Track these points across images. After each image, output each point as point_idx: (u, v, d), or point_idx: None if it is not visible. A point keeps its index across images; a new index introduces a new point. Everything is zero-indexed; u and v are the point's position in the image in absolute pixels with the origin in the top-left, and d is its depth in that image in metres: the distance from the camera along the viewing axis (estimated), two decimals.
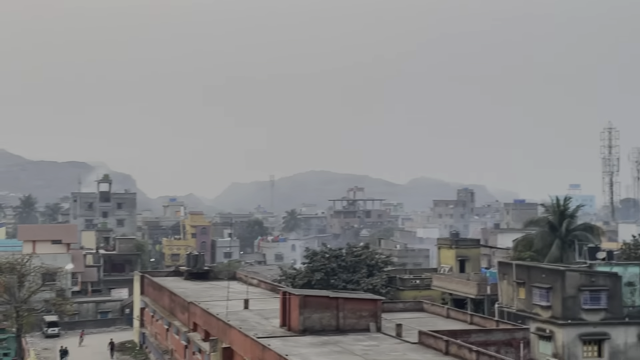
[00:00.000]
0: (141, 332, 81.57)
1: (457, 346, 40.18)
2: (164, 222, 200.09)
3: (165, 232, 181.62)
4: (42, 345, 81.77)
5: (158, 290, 75.97)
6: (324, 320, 47.60)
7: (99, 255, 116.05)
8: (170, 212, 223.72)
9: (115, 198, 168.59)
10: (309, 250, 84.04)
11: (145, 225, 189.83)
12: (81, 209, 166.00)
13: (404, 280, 78.85)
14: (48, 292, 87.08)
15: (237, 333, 46.36)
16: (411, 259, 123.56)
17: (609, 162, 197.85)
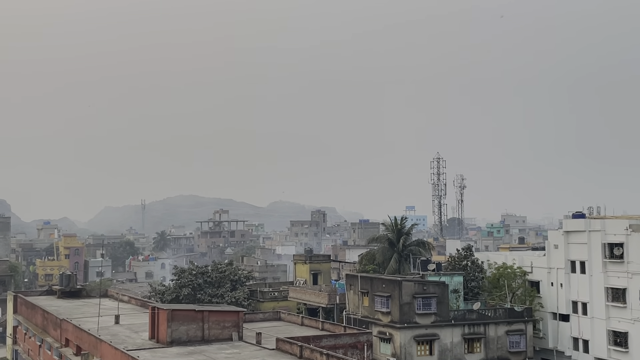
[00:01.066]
0: (14, 349, 76.94)
1: (310, 350, 40.73)
2: (37, 244, 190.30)
3: (39, 254, 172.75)
4: None
5: (31, 309, 72.03)
6: (190, 332, 46.94)
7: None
8: (44, 234, 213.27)
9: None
10: (177, 268, 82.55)
11: (19, 248, 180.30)
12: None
13: (264, 293, 78.94)
14: None
15: (108, 347, 44.81)
16: (271, 273, 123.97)
17: (438, 187, 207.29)
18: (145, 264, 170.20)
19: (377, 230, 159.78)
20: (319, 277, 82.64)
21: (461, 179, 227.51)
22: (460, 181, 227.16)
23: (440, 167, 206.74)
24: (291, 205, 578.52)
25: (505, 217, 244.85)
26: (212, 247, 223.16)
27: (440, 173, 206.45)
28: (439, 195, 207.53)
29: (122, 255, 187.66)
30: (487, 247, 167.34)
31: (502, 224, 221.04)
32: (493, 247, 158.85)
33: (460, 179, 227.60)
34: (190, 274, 75.40)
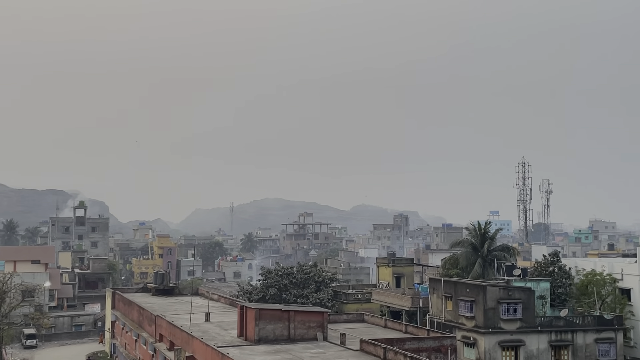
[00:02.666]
0: (112, 343, 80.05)
1: (393, 352, 40.41)
2: (133, 244, 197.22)
3: (134, 253, 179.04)
4: (21, 356, 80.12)
5: (128, 305, 74.78)
6: (277, 331, 47.47)
7: (74, 274, 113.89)
8: (140, 235, 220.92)
9: (89, 222, 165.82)
10: (264, 268, 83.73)
11: (117, 247, 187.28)
12: (58, 232, 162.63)
13: (348, 294, 78.94)
14: (27, 307, 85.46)
15: (199, 343, 45.89)
16: (354, 275, 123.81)
17: (523, 191, 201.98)
18: (233, 264, 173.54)
19: (460, 234, 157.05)
20: (402, 280, 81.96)
21: (547, 183, 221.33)
22: (547, 186, 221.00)
23: (525, 171, 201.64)
24: (374, 208, 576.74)
25: (593, 223, 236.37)
26: (297, 249, 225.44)
27: (526, 177, 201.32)
28: (524, 200, 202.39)
29: (212, 256, 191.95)
30: (574, 253, 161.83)
31: (590, 229, 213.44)
32: (581, 254, 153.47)
33: (547, 183, 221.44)
34: (277, 275, 76.28)
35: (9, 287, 76.84)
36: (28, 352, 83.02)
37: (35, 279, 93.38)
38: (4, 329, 74.36)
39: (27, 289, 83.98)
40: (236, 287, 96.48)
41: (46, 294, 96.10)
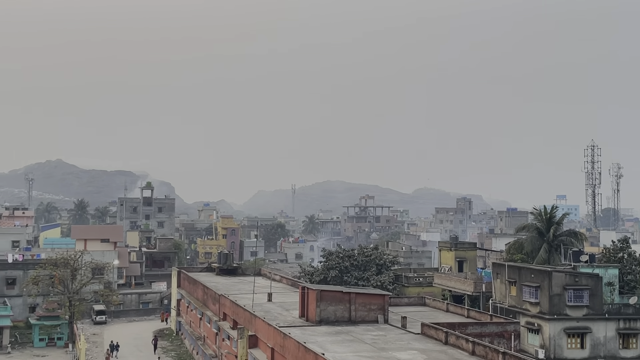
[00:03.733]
0: (178, 321, 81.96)
1: (455, 337, 40.07)
2: (198, 225, 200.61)
3: (199, 233, 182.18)
4: (91, 331, 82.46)
5: (193, 284, 76.36)
6: (337, 312, 47.70)
7: (142, 253, 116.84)
8: (204, 215, 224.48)
9: (156, 203, 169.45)
10: (325, 250, 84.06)
11: (182, 227, 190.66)
12: (127, 212, 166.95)
13: (409, 278, 78.64)
14: (97, 284, 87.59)
15: (262, 322, 46.51)
16: (415, 259, 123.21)
17: (592, 175, 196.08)
18: (295, 246, 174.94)
19: (525, 219, 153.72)
20: (465, 265, 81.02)
21: (618, 167, 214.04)
22: (617, 170, 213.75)
23: (594, 155, 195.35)
24: (436, 192, 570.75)
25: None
26: (359, 232, 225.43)
27: (595, 161, 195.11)
28: (592, 184, 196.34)
29: (274, 237, 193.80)
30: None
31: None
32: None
33: (617, 167, 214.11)
34: (338, 257, 76.56)
35: (80, 264, 79.35)
36: (98, 327, 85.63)
37: (105, 257, 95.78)
38: (75, 305, 76.63)
39: (97, 267, 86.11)
40: (298, 268, 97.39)
41: (115, 271, 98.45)
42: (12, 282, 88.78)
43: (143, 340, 77.11)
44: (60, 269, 77.72)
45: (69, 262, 77.79)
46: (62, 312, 77.28)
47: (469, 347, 38.01)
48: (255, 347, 47.28)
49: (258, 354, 46.01)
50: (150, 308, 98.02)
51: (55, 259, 78.97)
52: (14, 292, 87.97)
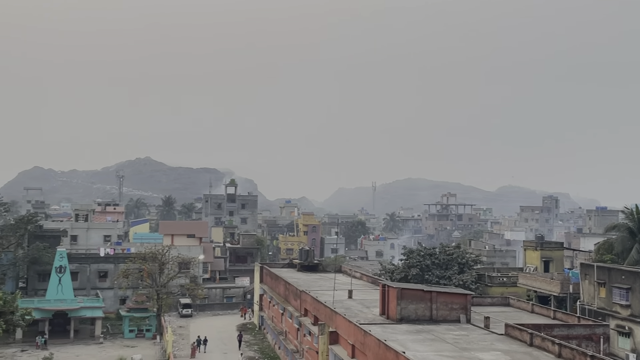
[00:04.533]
0: (260, 315, 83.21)
1: (540, 338, 38.97)
2: (280, 221, 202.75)
3: (281, 230, 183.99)
4: (178, 324, 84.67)
5: (275, 280, 77.28)
6: (418, 311, 47.27)
7: (226, 248, 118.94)
8: (286, 212, 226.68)
9: (239, 199, 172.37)
10: (406, 248, 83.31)
11: (265, 223, 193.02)
12: (211, 208, 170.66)
13: (492, 277, 76.92)
14: (183, 278, 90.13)
15: (342, 319, 46.60)
16: (499, 258, 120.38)
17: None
18: (375, 243, 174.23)
19: (615, 218, 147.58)
20: (551, 265, 78.55)
21: None
22: None
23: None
24: (520, 190, 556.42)
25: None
26: (440, 230, 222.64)
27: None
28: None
29: (354, 234, 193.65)
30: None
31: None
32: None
33: None
34: (419, 255, 75.74)
35: (168, 259, 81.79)
36: (184, 320, 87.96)
37: (191, 252, 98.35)
38: (162, 298, 79.09)
39: (183, 261, 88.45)
40: (378, 265, 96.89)
41: (200, 266, 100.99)
42: (104, 275, 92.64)
43: (227, 333, 78.72)
44: (148, 263, 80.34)
45: (157, 257, 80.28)
46: (151, 305, 79.87)
47: (555, 349, 36.87)
48: (336, 344, 47.45)
49: (339, 351, 46.16)
50: (233, 302, 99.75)
51: (144, 254, 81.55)
52: (106, 285, 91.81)
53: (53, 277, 77.67)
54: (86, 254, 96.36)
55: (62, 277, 77.50)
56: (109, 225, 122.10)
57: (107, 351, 69.66)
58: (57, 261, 78.10)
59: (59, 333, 75.27)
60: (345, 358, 44.19)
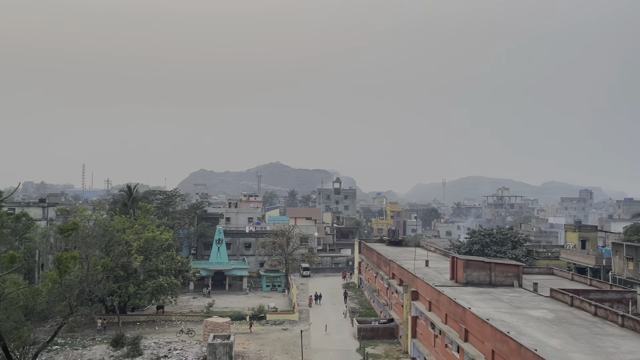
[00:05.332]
0: (359, 277, 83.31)
1: (579, 300, 36.78)
2: (372, 208, 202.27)
3: (373, 214, 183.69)
4: (300, 282, 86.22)
5: (369, 251, 77.20)
6: (480, 277, 45.84)
7: (333, 228, 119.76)
8: (377, 202, 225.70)
9: (343, 192, 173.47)
10: (470, 229, 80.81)
11: (361, 210, 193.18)
12: (323, 198, 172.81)
13: (539, 252, 73.16)
14: (303, 249, 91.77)
15: (421, 282, 45.96)
16: (544, 238, 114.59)
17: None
18: (445, 225, 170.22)
19: None
20: (587, 244, 73.61)
21: None
22: None
23: None
24: (561, 185, 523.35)
25: None
26: (496, 216, 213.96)
27: None
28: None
29: (429, 219, 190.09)
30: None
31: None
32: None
33: None
34: (480, 234, 73.28)
35: (292, 235, 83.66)
36: (304, 279, 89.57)
37: (308, 230, 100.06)
38: (289, 263, 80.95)
39: (303, 237, 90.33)
40: (447, 242, 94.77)
41: (315, 240, 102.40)
42: (248, 246, 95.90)
43: (335, 290, 79.43)
44: (279, 238, 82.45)
45: (284, 233, 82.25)
46: (281, 268, 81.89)
47: (591, 309, 34.68)
48: (416, 300, 46.86)
49: (419, 305, 45.55)
50: (339, 267, 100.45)
51: (275, 231, 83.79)
52: (250, 253, 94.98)
53: (214, 246, 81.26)
54: (236, 231, 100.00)
55: (220, 246, 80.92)
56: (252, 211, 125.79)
57: (251, 300, 72.05)
58: (216, 235, 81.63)
59: (217, 286, 78.58)
60: (423, 311, 43.55)
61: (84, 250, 50.32)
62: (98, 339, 52.09)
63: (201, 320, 58.76)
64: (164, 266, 58.55)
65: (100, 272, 46.41)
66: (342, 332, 55.83)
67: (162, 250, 60.74)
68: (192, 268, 69.10)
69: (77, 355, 47.01)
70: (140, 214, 62.91)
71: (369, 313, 63.78)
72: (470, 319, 32.80)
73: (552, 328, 30.65)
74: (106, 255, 54.72)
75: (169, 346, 49.55)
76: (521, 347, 25.23)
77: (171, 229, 71.04)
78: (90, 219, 60.15)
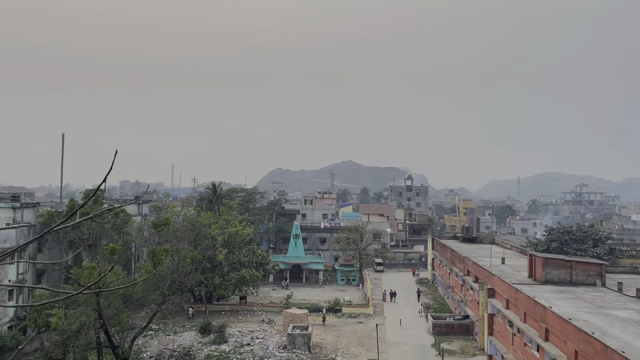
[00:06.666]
0: (432, 273, 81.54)
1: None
2: (445, 205, 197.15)
3: (446, 211, 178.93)
4: (373, 276, 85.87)
5: (443, 247, 75.28)
6: (560, 276, 43.24)
7: (406, 224, 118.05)
8: (449, 198, 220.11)
9: (415, 189, 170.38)
10: (547, 227, 76.56)
11: (433, 207, 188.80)
12: (395, 196, 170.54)
13: (622, 251, 67.97)
14: (376, 244, 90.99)
15: (498, 279, 44.13)
16: (627, 236, 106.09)
17: None
18: (521, 222, 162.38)
19: None
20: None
21: None
22: None
23: None
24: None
25: None
26: (574, 213, 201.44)
27: None
28: None
29: (503, 215, 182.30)
30: None
31: None
32: None
33: None
34: (559, 232, 69.23)
35: (365, 230, 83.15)
36: (377, 274, 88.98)
37: (381, 226, 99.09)
38: (363, 257, 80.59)
39: (376, 233, 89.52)
40: (523, 240, 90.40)
41: (388, 236, 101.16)
42: (324, 241, 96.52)
43: (408, 285, 78.19)
44: (352, 233, 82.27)
45: (358, 229, 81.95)
46: (355, 262, 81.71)
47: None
48: (492, 297, 45.01)
49: (495, 303, 43.70)
50: (412, 263, 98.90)
51: (349, 227, 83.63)
52: (325, 247, 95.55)
53: (291, 241, 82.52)
54: (312, 226, 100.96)
55: (297, 241, 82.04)
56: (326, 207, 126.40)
57: (326, 292, 72.46)
58: (294, 230, 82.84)
59: (295, 279, 79.74)
60: (500, 308, 41.74)
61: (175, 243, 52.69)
62: (188, 326, 54.44)
63: (280, 311, 59.85)
64: (246, 259, 60.19)
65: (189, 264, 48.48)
66: (416, 327, 54.79)
67: (244, 244, 62.43)
68: (271, 261, 70.54)
69: (169, 340, 49.39)
70: (224, 210, 65.05)
71: (443, 309, 62.18)
72: (551, 318, 30.98)
73: (639, 329, 28.28)
74: (194, 248, 57.02)
75: (251, 335, 50.87)
76: (607, 348, 23.44)
77: (252, 224, 72.90)
78: (180, 215, 62.99)
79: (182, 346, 47.39)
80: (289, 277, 78.10)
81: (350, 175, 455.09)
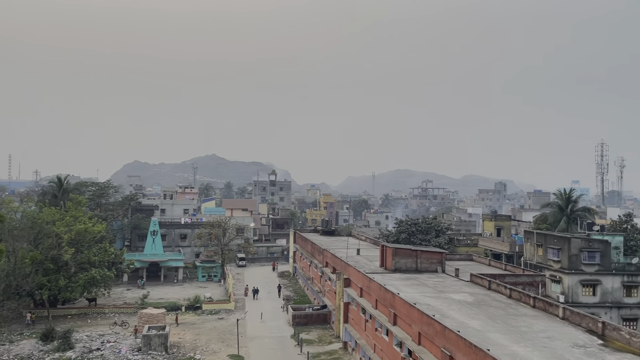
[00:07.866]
0: (294, 266, 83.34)
1: (496, 284, 38.54)
2: (307, 199, 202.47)
3: (307, 206, 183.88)
4: (236, 271, 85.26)
5: (304, 241, 77.32)
6: (407, 264, 47.01)
7: (269, 218, 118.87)
8: (311, 193, 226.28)
9: (278, 184, 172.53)
10: (397, 219, 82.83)
11: (296, 201, 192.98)
12: (258, 190, 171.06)
13: (459, 240, 76.34)
14: (239, 239, 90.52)
15: (353, 269, 46.49)
16: (464, 227, 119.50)
17: (601, 166, 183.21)
18: (375, 216, 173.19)
19: (547, 198, 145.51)
20: (502, 232, 77.63)
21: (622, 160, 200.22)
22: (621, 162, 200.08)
23: (603, 150, 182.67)
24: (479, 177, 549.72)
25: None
26: (421, 206, 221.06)
27: (603, 155, 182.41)
28: (601, 172, 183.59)
29: (360, 209, 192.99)
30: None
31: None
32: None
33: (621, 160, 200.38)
34: (407, 224, 75.26)
35: (228, 226, 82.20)
36: (240, 269, 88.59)
37: (244, 221, 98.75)
38: (225, 253, 79.56)
39: (239, 227, 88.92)
40: (377, 231, 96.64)
41: (251, 231, 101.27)
42: (184, 237, 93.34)
43: (270, 279, 79.01)
44: (215, 229, 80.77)
45: (220, 224, 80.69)
46: (217, 258, 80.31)
47: (506, 292, 36.45)
48: (348, 287, 47.40)
49: (351, 292, 46.09)
50: (275, 257, 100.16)
51: (212, 222, 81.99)
52: (185, 244, 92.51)
53: (149, 238, 78.39)
54: (171, 222, 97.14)
55: (155, 238, 78.18)
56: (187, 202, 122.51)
57: (186, 290, 70.26)
58: (151, 227, 78.79)
59: (153, 278, 76.11)
60: (355, 297, 44.12)
61: (11, 243, 46.90)
62: (26, 334, 48.79)
63: (135, 312, 56.48)
64: (97, 258, 55.72)
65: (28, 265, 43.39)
66: (277, 319, 55.57)
67: (95, 242, 57.76)
68: (125, 260, 66.24)
69: (4, 350, 43.75)
70: (71, 206, 59.46)
71: (303, 300, 63.87)
72: (399, 303, 33.51)
73: (472, 310, 31.88)
74: (35, 248, 51.27)
75: (102, 339, 47.26)
76: (445, 329, 26.03)
77: (104, 221, 67.75)
78: (18, 211, 56.11)
79: (20, 356, 42.30)
80: (146, 276, 74.28)
81: (214, 170, 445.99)
